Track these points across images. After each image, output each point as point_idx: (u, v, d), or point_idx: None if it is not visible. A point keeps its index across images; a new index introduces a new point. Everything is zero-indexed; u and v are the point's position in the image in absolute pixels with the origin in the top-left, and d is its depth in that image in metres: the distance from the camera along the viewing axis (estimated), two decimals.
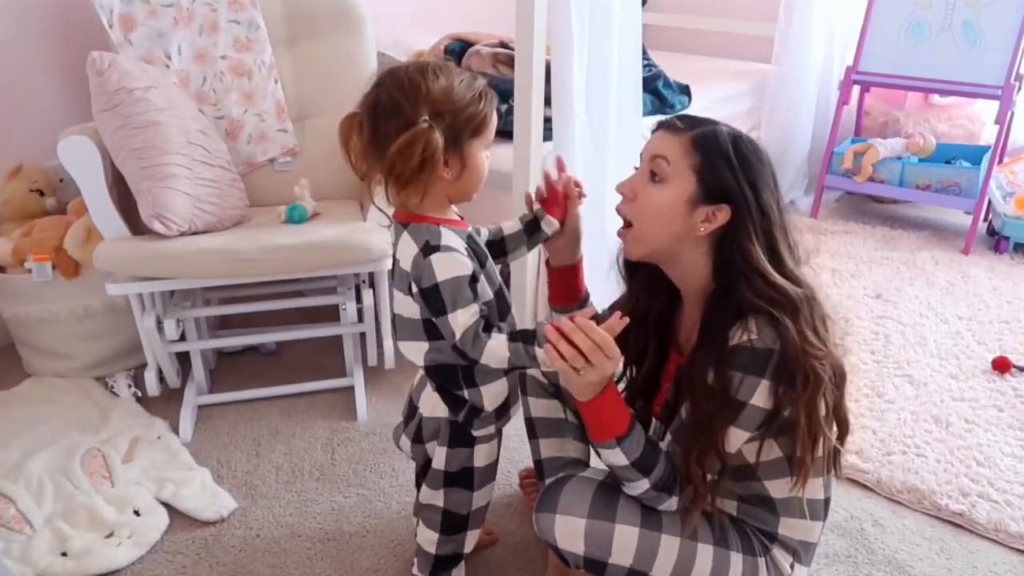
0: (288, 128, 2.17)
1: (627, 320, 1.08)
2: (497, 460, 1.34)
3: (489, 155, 1.19)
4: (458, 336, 1.13)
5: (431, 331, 1.20)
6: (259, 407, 2.02)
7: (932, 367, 2.19)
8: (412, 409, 1.35)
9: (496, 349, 1.14)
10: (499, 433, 1.33)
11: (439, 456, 1.29)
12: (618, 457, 1.12)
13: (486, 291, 1.19)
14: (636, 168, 1.20)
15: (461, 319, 1.13)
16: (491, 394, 1.26)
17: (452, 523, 1.33)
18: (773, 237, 1.11)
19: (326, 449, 1.87)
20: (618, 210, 1.20)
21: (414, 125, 1.08)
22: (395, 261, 1.20)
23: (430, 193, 1.13)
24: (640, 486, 1.13)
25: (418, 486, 1.46)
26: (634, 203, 1.17)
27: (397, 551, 1.57)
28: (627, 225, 1.19)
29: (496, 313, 1.22)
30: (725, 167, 1.10)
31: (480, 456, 1.30)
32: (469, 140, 1.13)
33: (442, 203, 1.18)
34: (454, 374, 1.23)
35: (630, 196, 1.17)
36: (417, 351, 1.23)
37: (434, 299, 1.13)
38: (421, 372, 1.31)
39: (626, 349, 1.31)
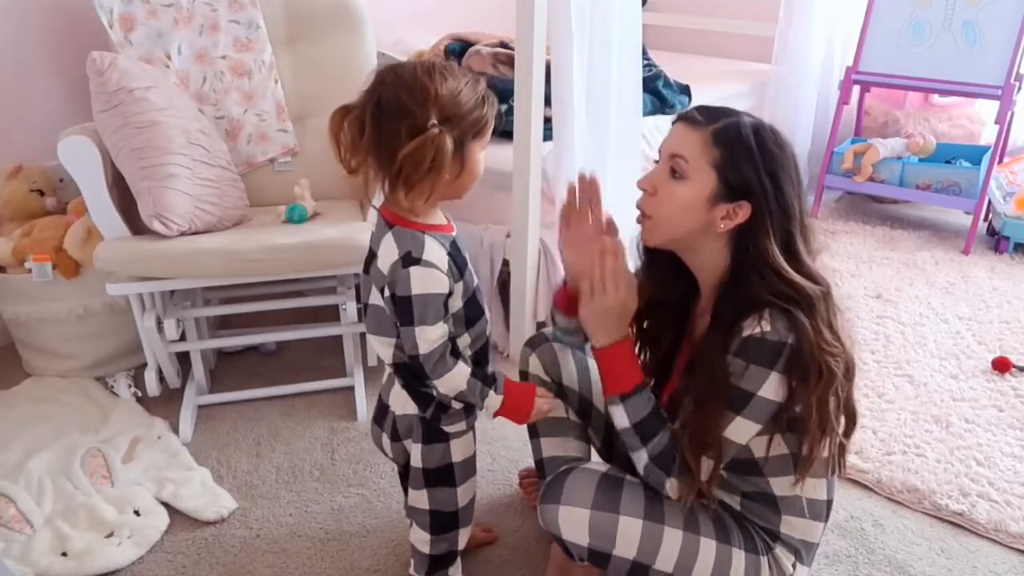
0: (288, 128, 2.17)
1: None
2: (474, 454, 1.34)
3: (484, 154, 1.19)
4: (423, 351, 1.15)
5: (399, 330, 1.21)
6: (259, 407, 2.02)
7: (932, 367, 2.19)
8: (383, 407, 1.35)
9: (456, 377, 1.18)
10: (472, 428, 1.33)
11: (416, 453, 1.29)
12: (621, 417, 1.16)
13: (457, 302, 1.20)
14: (655, 161, 1.19)
15: (430, 335, 1.15)
16: None
17: (441, 522, 1.33)
18: (791, 234, 1.10)
19: (326, 449, 1.87)
20: (638, 205, 1.19)
21: (423, 128, 1.07)
22: (372, 253, 1.20)
23: (433, 195, 1.13)
24: (640, 457, 1.15)
25: (404, 487, 1.47)
26: (654, 198, 1.16)
27: (397, 551, 1.57)
28: (645, 216, 1.18)
29: (463, 320, 1.22)
30: (746, 162, 1.09)
31: (457, 451, 1.30)
32: (471, 143, 1.14)
33: (431, 204, 1.18)
34: (420, 371, 1.23)
35: (651, 191, 1.16)
36: (385, 346, 1.24)
37: (404, 309, 1.14)
38: (389, 370, 1.32)
39: (641, 333, 1.31)
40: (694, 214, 1.12)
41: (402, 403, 1.29)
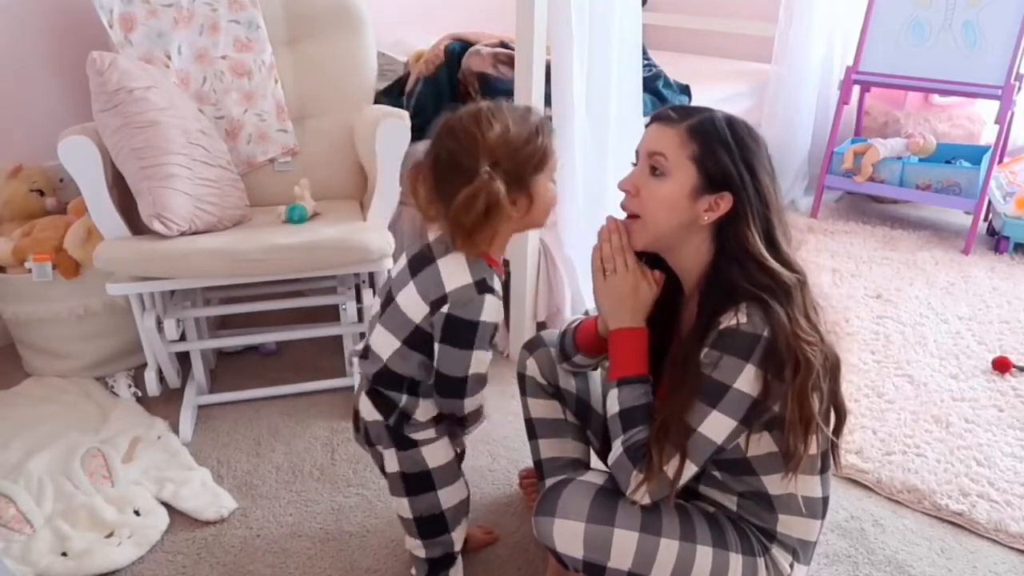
0: (288, 128, 2.17)
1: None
2: (457, 456, 1.34)
3: (555, 182, 1.22)
4: (472, 371, 1.18)
5: (413, 341, 1.21)
6: (259, 407, 2.02)
7: (932, 367, 2.19)
8: (356, 412, 1.35)
9: (480, 398, 1.25)
10: (443, 436, 1.31)
11: (389, 458, 1.29)
12: (613, 402, 1.16)
13: None
14: (634, 164, 1.20)
15: (484, 359, 1.19)
16: (425, 407, 1.26)
17: (429, 527, 1.33)
18: (770, 222, 1.12)
19: (326, 449, 1.87)
20: (623, 206, 1.21)
21: (476, 176, 1.10)
22: (425, 259, 1.19)
23: (500, 235, 1.17)
24: (616, 447, 1.15)
25: None
26: (637, 199, 1.17)
27: (397, 551, 1.57)
28: (633, 216, 1.19)
29: None
30: (723, 153, 1.11)
31: (431, 457, 1.28)
32: (534, 176, 1.16)
33: (504, 240, 1.22)
34: (399, 380, 1.24)
35: (633, 192, 1.18)
36: (387, 345, 1.23)
37: (465, 332, 1.16)
38: (361, 373, 1.31)
39: None
40: (679, 209, 1.13)
41: (368, 409, 1.28)
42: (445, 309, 1.16)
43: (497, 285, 1.19)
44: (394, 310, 1.22)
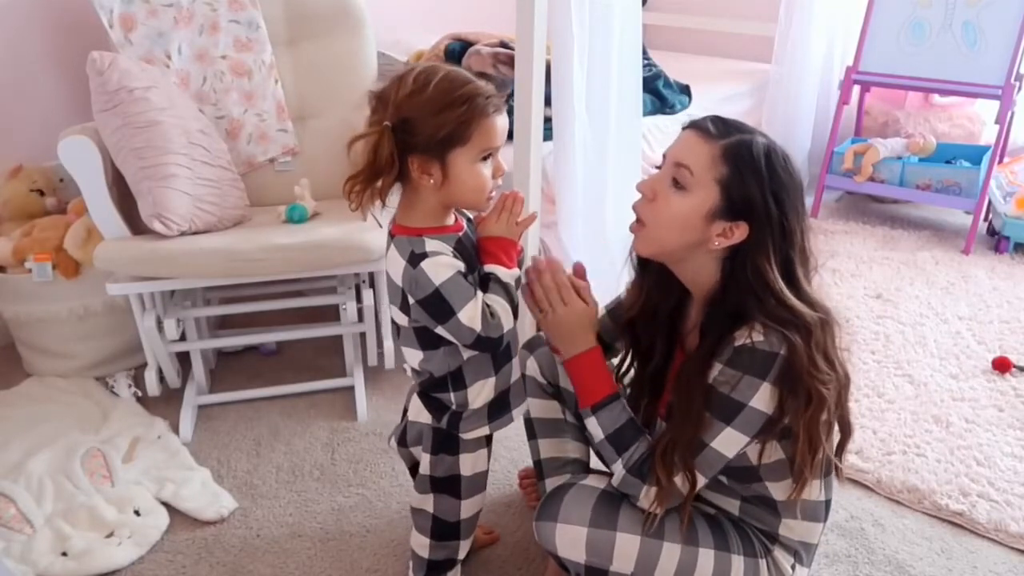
0: (288, 128, 2.17)
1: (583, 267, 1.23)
2: (486, 471, 1.33)
3: (490, 165, 1.13)
4: (479, 329, 1.11)
5: (422, 339, 1.20)
6: (259, 407, 2.02)
7: (932, 367, 2.18)
8: (404, 411, 1.36)
9: (501, 305, 1.14)
10: (489, 442, 1.31)
11: (424, 461, 1.30)
12: (595, 429, 1.16)
13: None
14: (658, 167, 1.16)
15: (471, 314, 1.11)
16: (476, 390, 1.24)
17: (442, 530, 1.33)
18: (791, 259, 1.09)
19: (326, 449, 1.87)
20: (635, 208, 1.17)
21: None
22: (387, 273, 1.20)
23: (418, 203, 1.14)
24: (617, 470, 1.14)
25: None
26: (652, 205, 1.13)
27: (397, 551, 1.57)
28: (640, 222, 1.16)
29: None
30: (753, 183, 1.06)
31: (466, 465, 1.28)
32: (451, 149, 1.09)
33: (433, 212, 1.16)
34: (443, 380, 1.23)
35: (649, 196, 1.14)
36: (415, 357, 1.24)
37: (437, 304, 1.10)
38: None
39: (635, 343, 1.30)
40: (690, 228, 1.10)
41: (416, 410, 1.29)
42: (411, 300, 1.14)
43: (432, 246, 1.12)
44: (400, 329, 1.23)
